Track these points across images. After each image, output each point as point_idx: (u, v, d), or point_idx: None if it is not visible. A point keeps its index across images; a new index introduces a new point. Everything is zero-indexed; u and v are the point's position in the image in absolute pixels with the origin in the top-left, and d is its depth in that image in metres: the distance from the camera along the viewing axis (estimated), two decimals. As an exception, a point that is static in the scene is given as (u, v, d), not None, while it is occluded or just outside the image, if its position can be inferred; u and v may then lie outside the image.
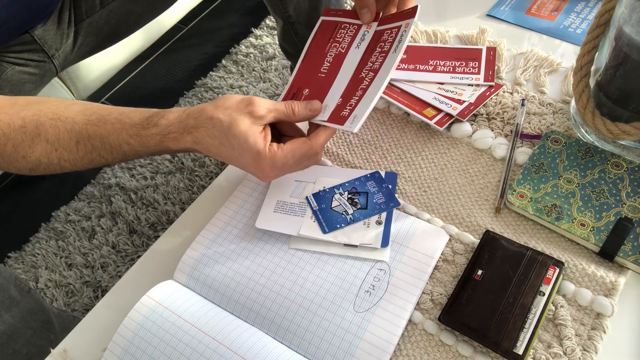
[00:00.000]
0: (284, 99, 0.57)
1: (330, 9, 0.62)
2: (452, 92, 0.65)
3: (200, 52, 1.56)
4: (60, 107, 0.51)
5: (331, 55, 0.58)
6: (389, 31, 0.56)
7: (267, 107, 0.49)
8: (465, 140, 0.62)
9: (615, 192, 0.53)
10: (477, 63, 0.67)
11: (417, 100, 0.64)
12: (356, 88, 0.53)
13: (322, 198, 0.57)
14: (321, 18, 0.62)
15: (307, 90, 0.56)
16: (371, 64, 0.54)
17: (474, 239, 0.53)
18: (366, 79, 0.53)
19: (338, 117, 0.52)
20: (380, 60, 0.54)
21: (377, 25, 0.58)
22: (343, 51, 0.57)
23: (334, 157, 0.63)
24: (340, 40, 0.58)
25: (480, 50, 0.69)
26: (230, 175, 0.65)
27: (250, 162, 0.49)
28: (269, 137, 0.50)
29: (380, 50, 0.55)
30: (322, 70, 0.57)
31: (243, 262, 0.54)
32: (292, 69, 1.18)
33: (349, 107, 0.52)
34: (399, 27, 0.55)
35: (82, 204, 1.22)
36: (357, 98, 0.52)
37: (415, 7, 0.54)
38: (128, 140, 0.50)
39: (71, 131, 0.49)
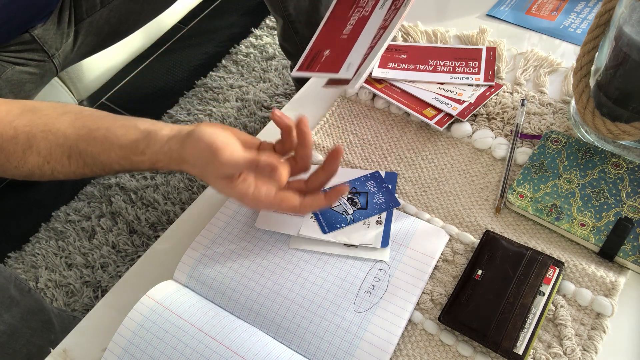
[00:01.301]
0: (302, 63, 0.56)
1: None
2: (452, 92, 0.65)
3: (200, 52, 1.56)
4: (51, 117, 0.50)
5: (354, 19, 0.56)
6: None
7: (232, 162, 0.44)
8: (465, 140, 0.62)
9: (615, 192, 0.53)
10: (477, 63, 0.67)
11: (417, 100, 0.64)
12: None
13: (322, 198, 0.57)
14: None
15: (328, 50, 0.54)
16: (384, 22, 0.53)
17: (474, 239, 0.53)
18: (377, 37, 0.53)
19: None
20: (392, 17, 0.53)
21: None
22: (367, 14, 0.56)
23: (334, 157, 0.63)
24: (364, 5, 0.57)
25: (480, 50, 0.69)
26: (230, 175, 0.65)
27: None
28: (250, 181, 0.46)
29: (394, 7, 0.54)
30: (344, 32, 0.55)
31: (243, 262, 0.54)
32: (292, 69, 1.18)
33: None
34: None
35: (82, 204, 1.22)
36: (365, 55, 0.51)
37: None
38: (119, 161, 0.49)
39: (63, 145, 0.49)
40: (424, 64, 0.68)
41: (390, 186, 0.57)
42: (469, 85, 0.65)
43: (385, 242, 0.53)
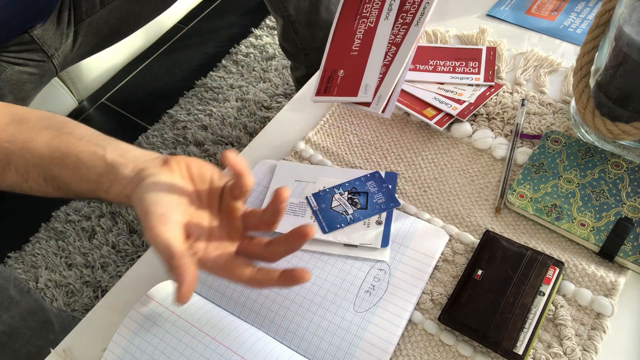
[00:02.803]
0: (319, 88, 0.55)
1: None
2: (452, 92, 0.65)
3: (200, 52, 1.56)
4: (32, 132, 0.47)
5: (360, 32, 0.55)
6: (411, 1, 0.55)
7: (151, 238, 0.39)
8: (465, 140, 0.62)
9: (615, 192, 0.53)
10: (477, 63, 0.67)
11: (417, 100, 0.64)
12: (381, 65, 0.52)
13: (322, 198, 0.57)
14: None
15: (342, 71, 0.54)
16: (393, 37, 0.53)
17: (474, 239, 0.53)
18: (389, 54, 0.52)
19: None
20: (402, 33, 0.53)
21: None
22: (372, 25, 0.55)
23: (334, 157, 0.63)
24: (368, 14, 0.56)
25: (480, 50, 0.69)
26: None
27: None
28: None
29: (402, 21, 0.54)
30: (353, 48, 0.55)
31: (243, 262, 0.54)
32: (292, 69, 1.18)
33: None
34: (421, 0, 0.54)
35: (82, 204, 1.22)
36: (381, 76, 0.51)
37: None
38: (88, 193, 0.46)
39: (39, 166, 0.46)
40: (424, 64, 0.68)
41: (390, 186, 0.57)
42: (469, 85, 0.65)
43: (385, 242, 0.52)
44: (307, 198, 0.57)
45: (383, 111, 0.51)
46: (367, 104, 0.51)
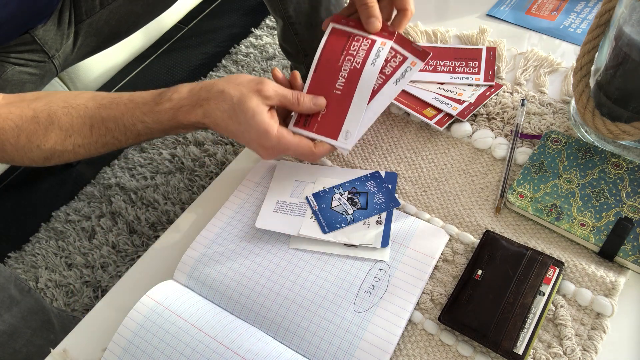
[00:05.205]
0: (298, 119, 0.57)
1: (341, 16, 0.60)
2: (452, 92, 0.65)
3: (200, 52, 1.56)
4: (69, 96, 0.53)
5: (346, 70, 0.56)
6: (394, 54, 0.57)
7: (275, 90, 0.52)
8: (465, 140, 0.62)
9: (615, 192, 0.53)
10: (477, 63, 0.68)
11: (417, 100, 0.64)
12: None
13: (322, 198, 0.57)
14: (331, 25, 0.59)
15: (323, 110, 0.56)
16: (377, 85, 0.56)
17: (474, 239, 0.53)
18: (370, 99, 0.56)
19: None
20: (380, 83, 0.56)
21: (394, 42, 0.57)
22: (358, 67, 0.56)
23: (334, 157, 0.63)
24: (355, 53, 0.57)
25: (480, 50, 0.69)
26: (230, 176, 0.65)
27: (255, 137, 0.51)
28: (277, 118, 0.52)
29: (381, 71, 0.56)
30: (337, 86, 0.56)
31: (243, 262, 0.54)
32: (292, 69, 1.18)
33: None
34: (405, 59, 0.56)
35: (82, 204, 1.22)
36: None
37: (428, 53, 0.56)
38: (142, 118, 0.52)
39: (84, 116, 0.52)
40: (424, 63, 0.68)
41: (390, 186, 0.57)
42: (469, 85, 0.65)
43: (385, 242, 0.53)
44: (307, 198, 0.57)
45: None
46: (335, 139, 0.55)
